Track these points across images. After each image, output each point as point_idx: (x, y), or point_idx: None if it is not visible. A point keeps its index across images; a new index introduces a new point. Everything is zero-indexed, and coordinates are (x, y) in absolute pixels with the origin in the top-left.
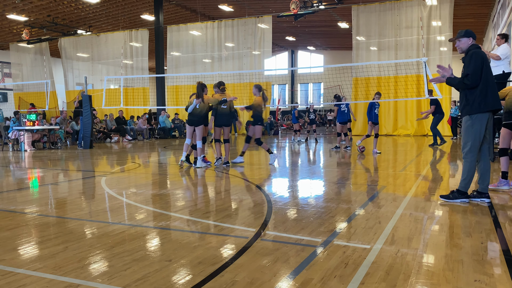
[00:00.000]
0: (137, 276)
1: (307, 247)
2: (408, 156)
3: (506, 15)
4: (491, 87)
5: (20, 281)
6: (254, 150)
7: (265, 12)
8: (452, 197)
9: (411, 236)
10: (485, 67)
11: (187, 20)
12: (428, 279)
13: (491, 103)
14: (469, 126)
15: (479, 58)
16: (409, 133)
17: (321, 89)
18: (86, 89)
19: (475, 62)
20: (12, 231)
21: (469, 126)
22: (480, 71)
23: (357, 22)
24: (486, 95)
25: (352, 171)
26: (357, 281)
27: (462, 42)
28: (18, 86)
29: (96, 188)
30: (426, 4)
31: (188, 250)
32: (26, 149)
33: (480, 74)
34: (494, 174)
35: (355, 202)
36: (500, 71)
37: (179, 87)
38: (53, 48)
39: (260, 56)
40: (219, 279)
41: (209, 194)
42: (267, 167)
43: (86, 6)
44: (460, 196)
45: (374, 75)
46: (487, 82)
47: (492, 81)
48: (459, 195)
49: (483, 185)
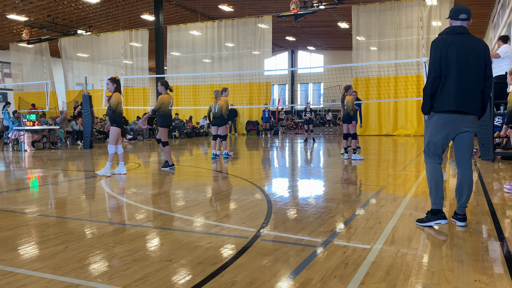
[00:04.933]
0: (137, 276)
1: (307, 247)
2: (408, 156)
3: (506, 15)
4: (448, 83)
5: (20, 281)
6: (254, 150)
7: (265, 12)
8: (425, 220)
9: (411, 236)
10: (445, 58)
11: (187, 20)
12: (428, 279)
13: (441, 102)
14: (425, 125)
15: (432, 48)
16: (409, 133)
17: (321, 89)
18: (86, 89)
19: (431, 53)
20: (12, 231)
21: (425, 125)
22: (437, 61)
23: (357, 22)
24: (441, 92)
25: (352, 171)
26: (357, 281)
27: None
28: (18, 86)
29: (96, 188)
30: (426, 4)
31: (188, 250)
32: (26, 149)
33: (436, 64)
34: (493, 174)
35: (355, 202)
36: (502, 72)
37: (179, 87)
38: (53, 48)
39: (260, 56)
40: (219, 279)
41: (209, 194)
42: (267, 167)
43: (86, 6)
44: (432, 218)
45: (374, 75)
46: (445, 76)
47: (453, 75)
48: (432, 216)
49: (458, 203)
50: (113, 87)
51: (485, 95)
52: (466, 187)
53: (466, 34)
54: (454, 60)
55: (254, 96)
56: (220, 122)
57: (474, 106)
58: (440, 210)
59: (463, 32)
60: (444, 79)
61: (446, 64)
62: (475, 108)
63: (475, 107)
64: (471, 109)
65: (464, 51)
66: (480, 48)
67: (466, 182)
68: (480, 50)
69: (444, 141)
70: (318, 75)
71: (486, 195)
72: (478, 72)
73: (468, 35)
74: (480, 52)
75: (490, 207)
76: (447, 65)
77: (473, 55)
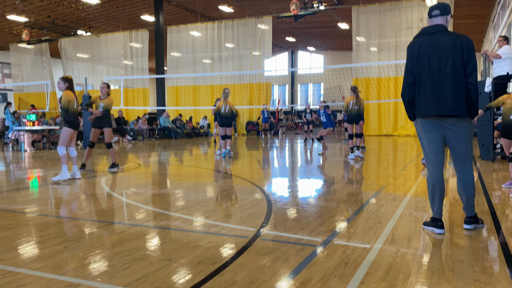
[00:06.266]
0: (137, 276)
1: (307, 246)
2: (408, 156)
3: (506, 16)
4: (423, 87)
5: (20, 281)
6: (254, 150)
7: (265, 13)
8: (427, 223)
9: (411, 236)
10: (417, 62)
11: (187, 21)
12: (428, 278)
13: (420, 108)
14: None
15: (407, 53)
16: (409, 133)
17: (321, 89)
18: (86, 90)
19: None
20: (12, 230)
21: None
22: (410, 66)
23: (357, 23)
24: (419, 97)
25: (352, 171)
26: (357, 281)
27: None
28: (18, 86)
29: (96, 188)
30: (426, 5)
31: (188, 250)
32: (26, 149)
33: (409, 70)
34: (493, 174)
35: (355, 202)
36: (504, 72)
37: (179, 87)
38: (53, 49)
39: (260, 57)
40: (219, 279)
41: (209, 193)
42: (267, 167)
43: (86, 7)
44: (430, 224)
45: (374, 76)
46: (419, 80)
47: (427, 78)
48: (430, 222)
49: (464, 206)
50: (64, 86)
51: (470, 92)
52: (462, 189)
53: (440, 32)
54: (426, 63)
55: (254, 96)
56: (230, 122)
57: (455, 107)
58: (437, 219)
59: (437, 31)
60: (419, 84)
61: (418, 68)
62: (456, 109)
63: (456, 108)
64: (451, 110)
65: (436, 51)
66: (456, 43)
67: (461, 184)
68: (456, 46)
69: (434, 146)
70: (318, 76)
71: (486, 195)
72: (455, 70)
73: (442, 32)
74: (455, 48)
75: (490, 207)
76: (419, 68)
77: (448, 53)
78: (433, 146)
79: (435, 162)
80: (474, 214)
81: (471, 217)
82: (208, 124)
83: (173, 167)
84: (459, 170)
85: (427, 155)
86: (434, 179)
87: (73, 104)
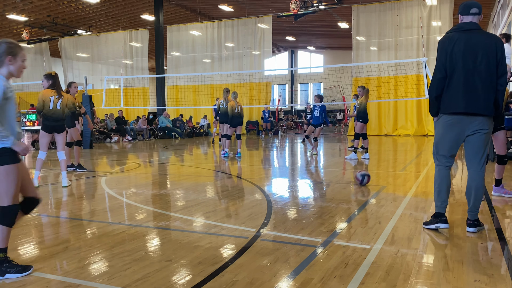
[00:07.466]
0: (137, 276)
1: (307, 247)
2: (408, 156)
3: (506, 15)
4: (455, 84)
5: (20, 281)
6: (254, 150)
7: (265, 12)
8: (429, 222)
9: (411, 236)
10: (450, 57)
11: (187, 20)
12: (428, 279)
13: (447, 104)
14: (434, 126)
15: (438, 47)
16: (409, 133)
17: (321, 89)
18: (86, 89)
19: (437, 53)
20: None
21: (434, 126)
22: (444, 60)
23: (357, 22)
24: (447, 94)
25: (352, 171)
26: (357, 281)
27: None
28: (18, 86)
29: (96, 188)
30: (426, 4)
31: (188, 250)
32: None
33: (442, 64)
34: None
35: (355, 202)
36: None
37: (179, 87)
38: (53, 48)
39: (260, 56)
40: (219, 279)
41: (209, 194)
42: (267, 167)
43: (86, 6)
44: (434, 221)
45: (374, 75)
46: (451, 76)
47: (460, 75)
48: (433, 219)
49: (468, 208)
50: (47, 84)
51: (498, 94)
52: (474, 191)
53: (476, 30)
54: (460, 59)
55: (254, 96)
56: (242, 121)
57: (484, 107)
58: (442, 214)
59: (472, 28)
60: (450, 80)
61: (451, 64)
62: (485, 108)
63: (485, 108)
64: (480, 109)
65: (472, 49)
66: (491, 44)
67: (473, 186)
68: (491, 46)
69: (452, 143)
70: (318, 75)
71: (486, 195)
72: (488, 70)
73: (478, 31)
74: (491, 48)
75: (490, 207)
76: (453, 65)
77: (483, 52)
78: (452, 144)
79: (448, 158)
80: (477, 218)
81: (475, 220)
82: (208, 123)
83: (173, 167)
84: (474, 170)
85: (442, 150)
86: (443, 175)
87: (47, 104)
